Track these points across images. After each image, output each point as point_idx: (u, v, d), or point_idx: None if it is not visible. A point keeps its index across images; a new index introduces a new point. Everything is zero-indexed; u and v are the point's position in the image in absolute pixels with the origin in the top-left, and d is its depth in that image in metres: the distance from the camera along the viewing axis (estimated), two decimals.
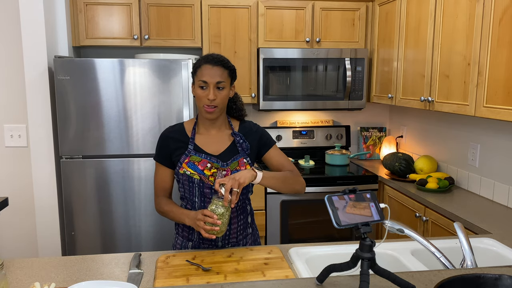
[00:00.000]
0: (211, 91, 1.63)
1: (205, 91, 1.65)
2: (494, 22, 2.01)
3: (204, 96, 1.65)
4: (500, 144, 2.44)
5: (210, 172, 1.67)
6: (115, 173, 2.78)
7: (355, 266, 1.08)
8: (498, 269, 1.25)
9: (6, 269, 1.48)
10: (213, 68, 1.64)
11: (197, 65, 1.68)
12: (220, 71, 1.65)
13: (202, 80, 1.64)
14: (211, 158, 1.69)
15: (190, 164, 1.68)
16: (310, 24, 3.25)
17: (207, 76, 1.64)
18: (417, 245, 1.65)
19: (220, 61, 1.66)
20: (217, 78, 1.64)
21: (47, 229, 2.88)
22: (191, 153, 1.69)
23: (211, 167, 1.67)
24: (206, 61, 1.66)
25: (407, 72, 2.85)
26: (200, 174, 1.66)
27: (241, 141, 1.74)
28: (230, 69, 1.69)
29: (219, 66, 1.65)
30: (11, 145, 3.06)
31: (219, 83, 1.65)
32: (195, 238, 1.72)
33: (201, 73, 1.66)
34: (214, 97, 1.63)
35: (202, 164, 1.68)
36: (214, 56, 1.67)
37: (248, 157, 1.73)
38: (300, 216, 3.02)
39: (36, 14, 2.72)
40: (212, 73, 1.64)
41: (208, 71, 1.64)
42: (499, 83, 1.98)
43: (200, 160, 1.68)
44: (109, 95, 2.72)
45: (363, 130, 3.72)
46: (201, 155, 1.69)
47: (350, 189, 1.10)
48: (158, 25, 3.11)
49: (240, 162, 1.71)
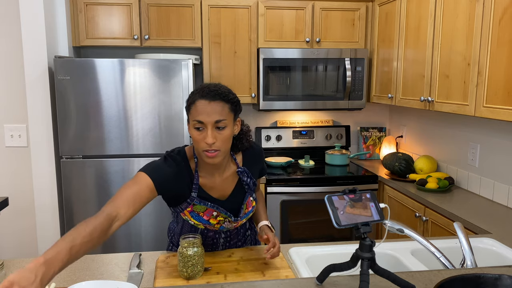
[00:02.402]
0: (209, 133, 1.35)
1: (202, 132, 1.36)
2: (494, 22, 2.01)
3: (201, 140, 1.36)
4: (500, 144, 2.44)
5: (216, 220, 1.52)
6: (115, 173, 2.78)
7: (355, 266, 1.08)
8: (498, 269, 1.25)
9: (6, 269, 1.48)
10: (210, 104, 1.35)
11: (190, 101, 1.39)
12: (219, 107, 1.36)
13: (197, 120, 1.35)
14: (218, 207, 1.50)
15: (193, 215, 1.50)
16: (310, 24, 3.25)
17: (203, 115, 1.34)
18: (417, 245, 1.65)
19: (218, 94, 1.36)
20: (216, 116, 1.35)
21: (47, 229, 2.88)
22: (194, 202, 1.48)
23: (217, 215, 1.51)
24: (201, 95, 1.36)
25: (407, 72, 2.85)
26: (206, 224, 1.52)
27: (248, 180, 1.55)
28: (232, 102, 1.40)
29: (218, 101, 1.36)
30: (11, 145, 3.06)
31: (218, 122, 1.36)
32: None
33: (195, 111, 1.36)
34: (213, 140, 1.35)
35: (208, 214, 1.50)
36: (212, 89, 1.37)
37: (254, 193, 1.59)
38: (300, 216, 3.02)
39: (36, 14, 2.72)
40: (209, 111, 1.34)
41: (204, 108, 1.35)
42: (499, 83, 1.98)
43: (205, 210, 1.49)
44: (109, 95, 2.72)
45: (363, 130, 3.72)
46: (206, 203, 1.49)
47: (350, 189, 1.10)
48: (158, 25, 3.11)
49: (248, 204, 1.57)
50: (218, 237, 1.63)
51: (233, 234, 1.67)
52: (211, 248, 1.65)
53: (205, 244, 1.63)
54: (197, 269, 1.41)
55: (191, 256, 1.39)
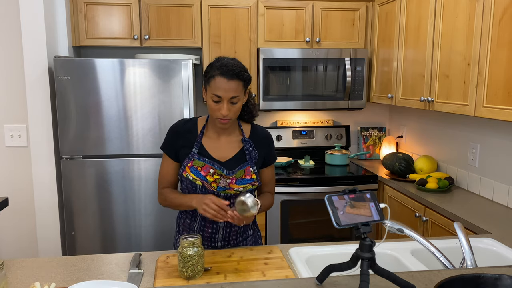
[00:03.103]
0: (225, 106, 1.55)
1: (218, 104, 1.57)
2: (494, 22, 2.01)
3: (217, 110, 1.57)
4: (500, 144, 2.44)
5: (212, 178, 1.63)
6: (115, 173, 2.78)
7: (355, 266, 1.08)
8: (498, 269, 1.25)
9: (6, 269, 1.48)
10: (228, 83, 1.53)
11: (210, 75, 1.57)
12: (236, 85, 1.55)
13: (216, 94, 1.55)
14: (214, 163, 1.64)
15: (192, 169, 1.63)
16: (310, 24, 3.25)
17: (221, 91, 1.54)
18: (417, 245, 1.65)
19: (236, 74, 1.54)
20: (232, 93, 1.54)
21: (47, 229, 2.88)
22: (194, 157, 1.64)
23: (214, 173, 1.63)
24: (222, 73, 1.54)
25: (407, 72, 2.85)
26: (203, 180, 1.62)
27: (251, 149, 1.68)
28: (246, 80, 1.59)
29: (235, 80, 1.54)
30: (11, 145, 3.06)
31: (233, 98, 1.56)
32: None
33: (215, 85, 1.55)
34: (228, 112, 1.56)
35: (205, 170, 1.63)
36: (230, 67, 1.54)
37: (255, 165, 1.68)
38: (300, 216, 3.02)
39: (36, 14, 2.72)
40: (227, 88, 1.53)
41: (222, 85, 1.53)
42: (499, 83, 1.98)
43: (203, 166, 1.63)
44: (109, 95, 2.72)
45: (363, 130, 3.72)
46: (204, 159, 1.64)
47: (350, 189, 1.10)
48: (158, 25, 3.11)
49: (247, 171, 1.66)
50: (217, 227, 1.68)
51: (232, 232, 1.70)
52: (209, 242, 1.69)
53: (204, 237, 1.68)
54: (197, 269, 1.41)
55: (191, 256, 1.39)
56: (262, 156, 1.73)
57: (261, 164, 1.74)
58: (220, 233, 1.71)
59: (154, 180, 2.81)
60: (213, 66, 1.58)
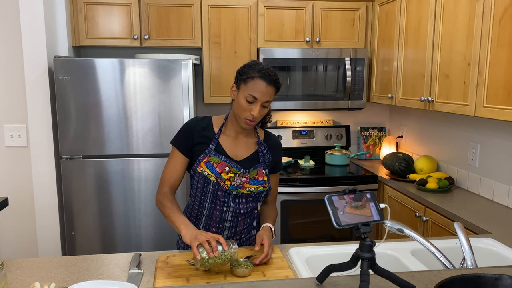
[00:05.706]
0: (257, 108, 1.60)
1: (250, 105, 1.60)
2: (494, 22, 2.01)
3: (248, 110, 1.61)
4: (500, 144, 2.44)
5: (227, 176, 1.65)
6: (115, 173, 2.78)
7: (355, 266, 1.08)
8: (498, 269, 1.25)
9: (6, 269, 1.48)
10: (267, 87, 1.59)
11: (249, 75, 1.61)
12: (272, 90, 1.61)
13: (252, 95, 1.58)
14: (230, 162, 1.66)
15: (208, 165, 1.65)
16: (310, 24, 3.25)
17: (258, 93, 1.58)
18: (417, 245, 1.65)
19: (274, 81, 1.61)
20: (267, 97, 1.60)
21: (47, 229, 2.88)
22: (211, 153, 1.66)
23: (229, 171, 1.65)
24: (262, 76, 1.59)
25: (407, 72, 2.85)
26: (217, 177, 1.64)
27: (265, 151, 1.74)
28: (278, 88, 1.66)
29: (272, 86, 1.61)
30: (11, 145, 3.06)
31: (266, 102, 1.61)
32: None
33: (253, 87, 1.59)
34: (258, 114, 1.60)
35: (221, 167, 1.65)
36: (270, 73, 1.60)
37: (267, 168, 1.72)
38: (300, 216, 3.02)
39: (36, 14, 2.72)
40: (265, 91, 1.59)
41: (261, 88, 1.58)
42: (499, 83, 1.98)
43: (219, 162, 1.66)
44: (109, 95, 2.72)
45: (363, 130, 3.72)
46: (221, 157, 1.66)
47: (350, 189, 1.10)
48: (158, 25, 3.11)
49: (259, 172, 1.70)
50: (222, 227, 1.70)
51: (237, 232, 1.73)
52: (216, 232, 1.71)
53: (211, 230, 1.71)
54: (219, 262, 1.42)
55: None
56: (273, 161, 1.77)
57: (270, 169, 1.77)
58: (226, 234, 1.72)
59: (154, 180, 2.81)
60: (253, 67, 1.62)
